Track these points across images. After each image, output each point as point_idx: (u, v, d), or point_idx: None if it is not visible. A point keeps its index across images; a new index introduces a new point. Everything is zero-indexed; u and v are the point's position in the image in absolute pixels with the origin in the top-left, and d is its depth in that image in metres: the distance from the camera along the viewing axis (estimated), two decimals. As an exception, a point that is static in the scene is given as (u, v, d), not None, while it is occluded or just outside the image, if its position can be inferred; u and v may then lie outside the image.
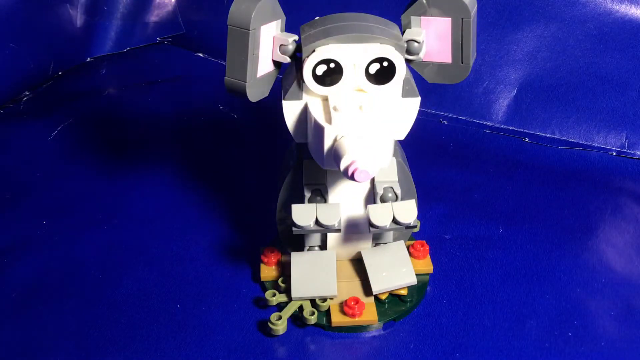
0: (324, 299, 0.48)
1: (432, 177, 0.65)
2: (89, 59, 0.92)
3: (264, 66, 0.43)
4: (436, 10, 0.42)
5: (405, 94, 0.44)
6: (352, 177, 0.38)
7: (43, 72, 0.86)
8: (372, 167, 0.38)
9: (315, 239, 0.50)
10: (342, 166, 0.39)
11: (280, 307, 0.49)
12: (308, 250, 0.50)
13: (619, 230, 0.59)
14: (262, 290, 0.52)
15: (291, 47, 0.43)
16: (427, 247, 0.53)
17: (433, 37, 0.43)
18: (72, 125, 0.76)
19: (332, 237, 0.50)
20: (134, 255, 0.56)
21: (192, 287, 0.52)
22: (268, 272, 0.52)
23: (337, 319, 0.47)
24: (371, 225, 0.45)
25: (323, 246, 0.51)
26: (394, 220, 0.45)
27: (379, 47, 0.41)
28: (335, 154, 0.40)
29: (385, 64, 0.42)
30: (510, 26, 0.74)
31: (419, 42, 0.43)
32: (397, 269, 0.49)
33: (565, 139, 0.71)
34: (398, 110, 0.44)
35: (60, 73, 0.88)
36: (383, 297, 0.49)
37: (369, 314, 0.48)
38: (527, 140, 0.72)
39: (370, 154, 0.38)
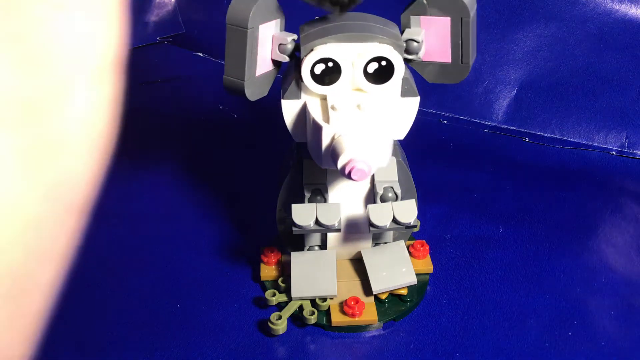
0: (324, 299, 0.48)
1: (432, 177, 0.65)
2: (89, 59, 0.91)
3: (263, 65, 0.43)
4: (436, 9, 0.42)
5: (405, 93, 0.44)
6: (349, 176, 0.38)
7: (43, 72, 0.86)
8: (369, 166, 0.38)
9: (315, 239, 0.50)
10: (340, 165, 0.39)
11: (280, 306, 0.49)
12: (308, 250, 0.50)
13: (619, 230, 0.59)
14: (262, 290, 0.52)
15: (290, 46, 0.43)
16: (427, 247, 0.53)
17: (433, 37, 0.43)
18: (72, 125, 0.76)
19: (332, 237, 0.50)
20: (133, 255, 0.56)
21: (192, 287, 0.52)
22: (268, 271, 0.52)
23: (337, 318, 0.47)
24: (371, 225, 0.45)
25: (323, 246, 0.50)
26: (394, 220, 0.45)
27: (378, 46, 0.41)
28: (333, 153, 0.40)
29: (383, 63, 0.42)
30: (510, 26, 0.74)
31: (418, 42, 0.43)
32: (397, 269, 0.49)
33: (565, 139, 0.71)
34: (397, 110, 0.44)
35: (60, 73, 0.88)
36: (383, 296, 0.49)
37: (369, 314, 0.48)
38: (527, 140, 0.72)
39: (367, 153, 0.38)
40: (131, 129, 0.81)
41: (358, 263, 0.51)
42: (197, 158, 0.70)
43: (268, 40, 0.42)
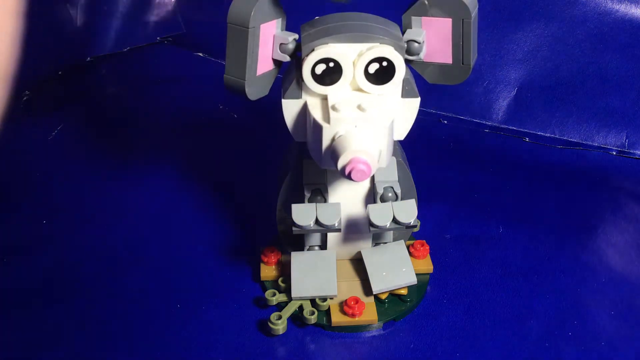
0: (324, 299, 0.48)
1: (432, 177, 0.65)
2: (89, 59, 0.92)
3: (264, 65, 0.43)
4: (437, 10, 0.42)
5: (405, 94, 0.44)
6: (349, 177, 0.38)
7: (43, 72, 0.86)
8: (369, 167, 0.38)
9: (315, 239, 0.50)
10: (340, 165, 0.39)
11: (280, 306, 0.49)
12: (308, 250, 0.50)
13: (619, 230, 0.59)
14: (262, 290, 0.52)
15: (291, 46, 0.43)
16: (427, 247, 0.53)
17: (434, 38, 0.43)
18: (72, 125, 0.76)
19: (332, 237, 0.50)
20: (133, 255, 0.56)
21: (192, 287, 0.52)
22: (268, 271, 0.52)
23: (337, 318, 0.47)
24: (371, 225, 0.45)
25: (323, 246, 0.51)
26: (394, 220, 0.45)
27: (379, 47, 0.41)
28: (333, 153, 0.40)
29: (384, 63, 0.42)
30: (510, 26, 0.74)
31: (419, 43, 0.43)
32: (397, 269, 0.49)
33: (565, 138, 0.71)
34: (398, 111, 0.44)
35: (60, 73, 0.88)
36: (383, 296, 0.49)
37: (369, 314, 0.48)
38: (527, 140, 0.72)
39: (368, 154, 0.38)
40: (131, 128, 0.81)
41: (358, 263, 0.51)
42: (197, 158, 0.70)
43: (269, 39, 0.42)
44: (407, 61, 0.43)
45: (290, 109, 0.44)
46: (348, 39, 0.41)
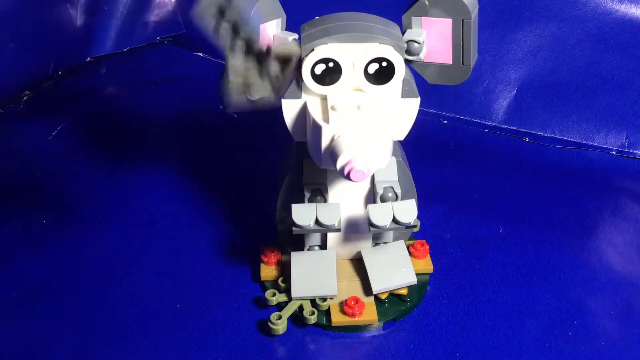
0: (324, 299, 0.48)
1: (432, 177, 0.65)
2: (89, 59, 0.92)
3: None
4: (437, 11, 0.42)
5: (405, 94, 0.44)
6: (348, 177, 0.38)
7: (43, 72, 0.86)
8: (368, 167, 0.38)
9: (315, 239, 0.50)
10: (339, 165, 0.38)
11: (280, 306, 0.49)
12: (308, 250, 0.50)
13: (619, 230, 0.59)
14: (262, 290, 0.52)
15: None
16: (427, 247, 0.53)
17: (434, 38, 0.43)
18: (72, 125, 0.76)
19: (332, 237, 0.50)
20: (134, 255, 0.56)
21: (192, 287, 0.52)
22: (268, 271, 0.52)
23: (337, 318, 0.47)
24: (371, 224, 0.45)
25: (323, 246, 0.51)
26: (394, 220, 0.45)
27: (378, 47, 0.41)
28: (332, 153, 0.40)
29: (384, 64, 0.42)
30: (510, 26, 0.74)
31: (419, 43, 0.43)
32: (397, 269, 0.49)
33: (565, 138, 0.71)
34: (397, 111, 0.44)
35: (60, 73, 0.88)
36: (383, 296, 0.49)
37: (369, 314, 0.48)
38: (527, 140, 0.72)
39: (367, 154, 0.38)
40: (131, 128, 0.81)
41: (358, 263, 0.51)
42: (197, 158, 0.70)
43: (269, 39, 0.42)
44: (407, 61, 0.43)
45: (290, 109, 0.44)
46: (348, 39, 0.41)
